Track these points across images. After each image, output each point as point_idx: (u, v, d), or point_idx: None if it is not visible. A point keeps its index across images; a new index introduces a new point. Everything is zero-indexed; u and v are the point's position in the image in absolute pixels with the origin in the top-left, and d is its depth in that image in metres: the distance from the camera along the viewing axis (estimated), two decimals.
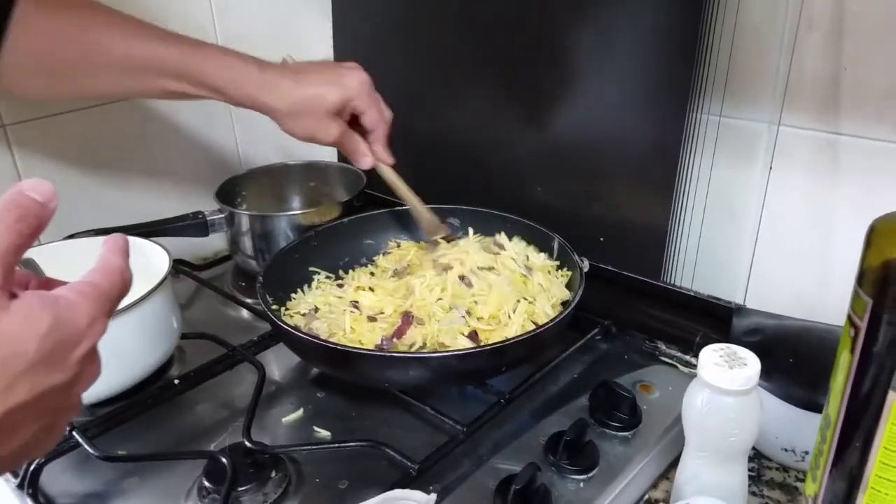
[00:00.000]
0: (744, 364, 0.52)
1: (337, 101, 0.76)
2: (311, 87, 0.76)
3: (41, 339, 0.35)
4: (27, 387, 0.34)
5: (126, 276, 0.42)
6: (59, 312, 0.36)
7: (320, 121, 0.76)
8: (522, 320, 0.72)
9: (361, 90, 0.78)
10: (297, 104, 0.75)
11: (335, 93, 0.76)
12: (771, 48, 0.72)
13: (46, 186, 0.37)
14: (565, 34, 0.83)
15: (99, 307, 0.38)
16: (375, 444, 0.63)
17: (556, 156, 0.88)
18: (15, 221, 0.35)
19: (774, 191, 0.76)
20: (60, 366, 0.36)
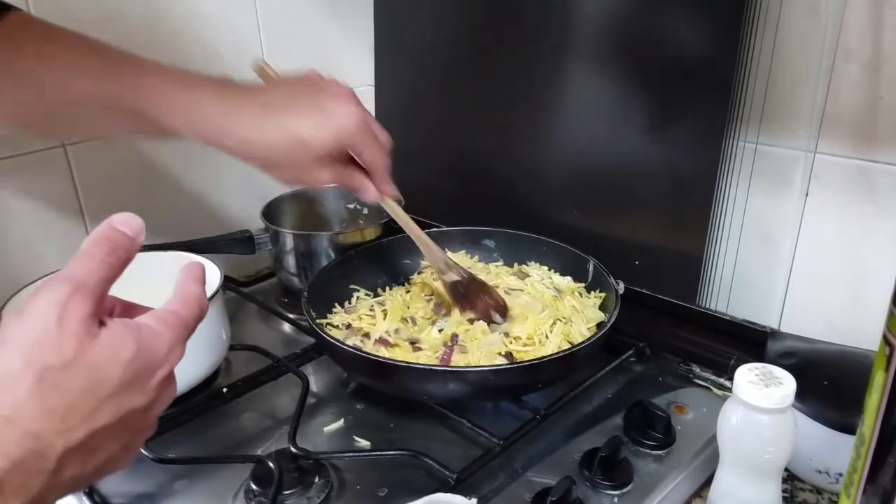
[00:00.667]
0: (780, 383, 0.53)
1: (325, 148, 0.62)
2: (290, 129, 0.61)
3: (126, 365, 0.38)
4: (111, 410, 0.38)
5: (203, 303, 0.45)
6: (143, 340, 0.39)
7: (306, 169, 0.64)
8: (559, 340, 0.74)
9: (355, 130, 0.64)
10: (273, 152, 0.61)
11: (322, 138, 0.62)
12: (808, 77, 0.73)
13: (136, 221, 0.41)
14: (603, 62, 0.86)
15: (178, 335, 0.41)
16: (415, 454, 0.65)
17: (593, 180, 0.90)
18: (106, 255, 0.39)
19: (810, 217, 0.77)
20: (141, 390, 0.39)
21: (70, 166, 0.90)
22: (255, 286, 1.03)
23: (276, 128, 0.61)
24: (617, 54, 0.85)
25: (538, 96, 0.93)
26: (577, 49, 0.88)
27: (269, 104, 0.62)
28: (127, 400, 0.38)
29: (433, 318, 0.80)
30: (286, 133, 0.61)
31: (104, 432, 0.37)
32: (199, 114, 0.61)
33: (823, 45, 0.71)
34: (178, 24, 0.96)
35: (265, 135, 0.61)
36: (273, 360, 0.78)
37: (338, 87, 0.65)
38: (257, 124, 0.61)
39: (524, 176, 0.98)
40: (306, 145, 0.62)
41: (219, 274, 0.78)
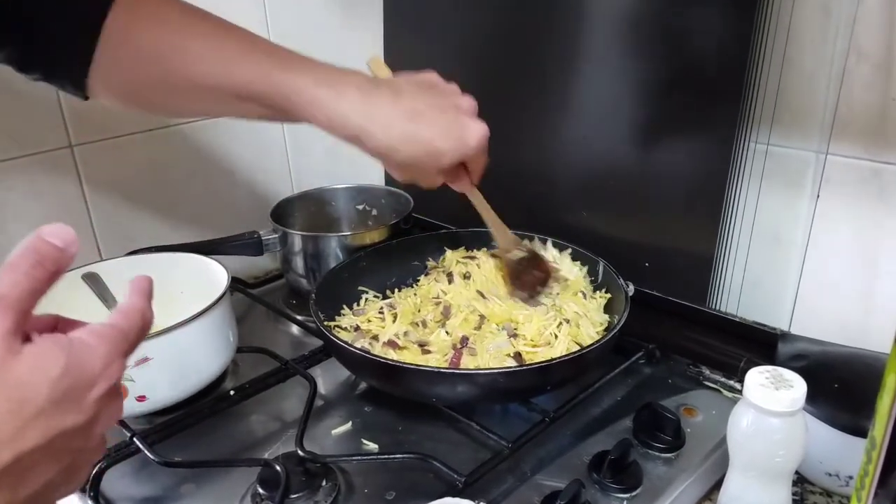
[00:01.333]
0: (790, 386, 0.53)
1: (452, 159, 0.67)
2: (427, 140, 0.65)
3: (53, 382, 0.35)
4: (39, 431, 0.34)
5: (147, 316, 0.42)
6: (73, 355, 0.36)
7: (430, 175, 0.69)
8: (568, 342, 0.74)
9: (480, 147, 0.68)
10: (408, 159, 0.65)
11: (453, 153, 0.66)
12: (819, 79, 0.73)
13: (66, 231, 0.38)
14: (614, 63, 0.86)
15: (115, 348, 0.39)
16: (423, 457, 0.64)
17: (603, 181, 0.90)
18: (31, 267, 0.36)
19: (821, 219, 0.77)
20: (75, 408, 0.36)
21: (77, 167, 0.90)
22: (263, 288, 1.03)
23: (416, 138, 0.64)
24: (627, 55, 0.84)
25: (548, 97, 0.93)
26: (587, 50, 0.88)
27: (411, 113, 0.65)
28: (58, 419, 0.35)
29: (442, 321, 0.80)
30: (426, 145, 0.65)
31: (35, 455, 0.35)
32: (341, 117, 0.63)
33: (835, 45, 0.71)
34: None
35: (405, 143, 0.64)
36: (281, 363, 0.78)
37: (466, 101, 0.70)
38: (399, 133, 0.64)
39: (534, 177, 0.98)
40: (439, 158, 0.66)
41: (226, 275, 0.78)
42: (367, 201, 1.12)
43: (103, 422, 0.39)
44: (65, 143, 0.89)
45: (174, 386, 0.71)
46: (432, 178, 0.70)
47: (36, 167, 0.87)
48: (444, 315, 0.80)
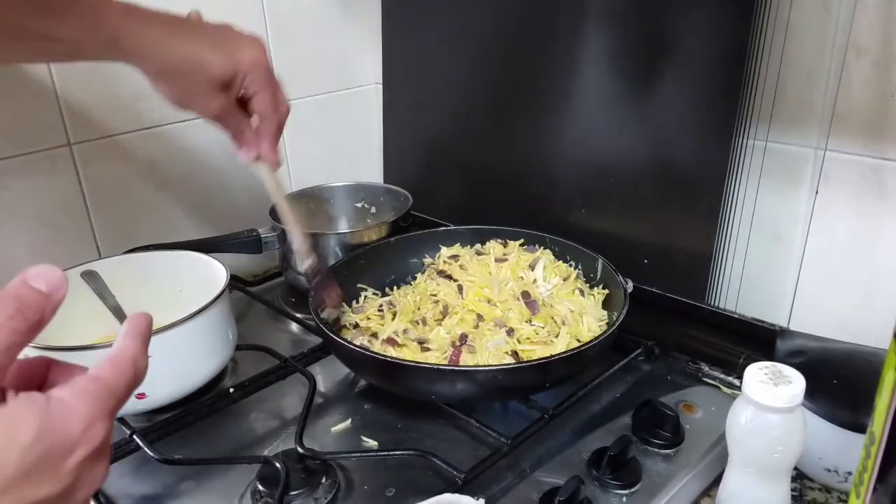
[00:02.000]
0: (789, 382, 0.53)
1: (222, 71, 0.63)
2: (191, 45, 0.62)
3: (24, 450, 0.31)
4: (8, 502, 0.31)
5: (139, 365, 0.38)
6: (48, 418, 0.33)
7: (200, 89, 0.64)
8: (568, 339, 0.74)
9: (255, 66, 0.65)
10: (169, 65, 0.62)
11: (221, 60, 0.63)
12: (818, 74, 0.73)
13: (53, 274, 0.35)
14: (613, 60, 0.86)
15: (100, 406, 0.35)
16: (422, 454, 0.64)
17: (601, 178, 0.90)
18: (9, 318, 0.33)
19: (820, 215, 0.77)
20: (49, 477, 0.33)
21: (76, 165, 0.90)
22: (262, 286, 1.04)
23: (176, 42, 0.62)
24: (626, 53, 0.84)
25: (547, 95, 0.93)
26: (585, 47, 0.88)
27: (176, 23, 0.63)
28: (29, 491, 0.32)
29: (440, 319, 0.80)
30: (186, 47, 0.62)
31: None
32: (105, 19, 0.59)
33: (834, 41, 0.71)
34: None
35: (163, 44, 0.61)
36: (280, 360, 0.78)
37: (254, 37, 0.67)
38: (158, 34, 0.61)
39: (532, 174, 0.98)
40: (202, 64, 0.62)
41: (225, 273, 0.78)
42: (365, 199, 1.11)
43: (85, 488, 0.35)
44: (63, 141, 0.88)
45: (174, 384, 0.71)
46: (203, 96, 0.64)
47: (35, 166, 0.86)
48: (443, 313, 0.80)
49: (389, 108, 1.17)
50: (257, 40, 0.66)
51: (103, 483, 0.36)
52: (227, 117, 0.67)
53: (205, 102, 0.65)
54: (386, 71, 1.15)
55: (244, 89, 0.66)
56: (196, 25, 0.65)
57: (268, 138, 0.70)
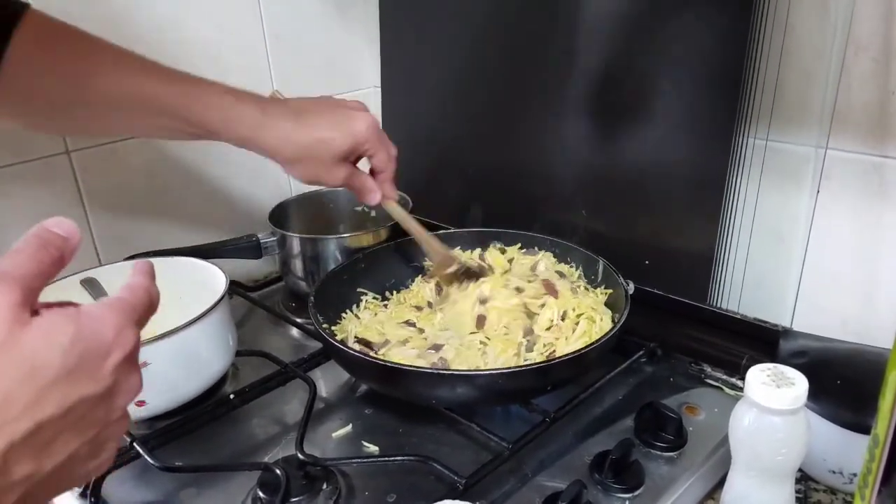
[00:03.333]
0: (791, 383, 0.52)
1: (345, 148, 0.72)
2: (316, 131, 0.71)
3: (65, 350, 0.34)
4: (57, 399, 0.34)
5: (152, 292, 0.42)
6: (83, 323, 0.36)
7: (326, 166, 0.73)
8: (584, 339, 0.74)
9: (370, 135, 0.74)
10: (300, 150, 0.71)
11: (342, 139, 0.72)
12: (818, 72, 0.72)
13: (68, 224, 0.38)
14: (613, 60, 0.85)
15: (125, 317, 0.38)
16: (423, 459, 0.64)
17: (602, 180, 0.90)
18: (36, 251, 0.36)
19: (821, 214, 0.76)
20: (91, 376, 0.36)
21: (74, 173, 0.90)
22: (262, 291, 1.03)
23: (303, 130, 0.71)
24: (626, 52, 0.84)
25: (545, 96, 0.93)
26: (585, 48, 0.87)
27: (298, 111, 0.72)
28: (74, 387, 0.35)
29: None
30: (312, 134, 0.71)
31: (55, 424, 0.34)
32: (237, 118, 0.69)
33: (834, 39, 0.70)
34: (184, 29, 0.96)
35: (293, 135, 0.71)
36: (280, 366, 0.78)
37: (355, 102, 0.77)
38: (288, 127, 0.71)
39: (532, 176, 0.98)
40: (327, 144, 0.71)
41: (224, 279, 0.78)
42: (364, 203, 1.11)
43: (124, 393, 0.38)
44: (62, 149, 0.88)
45: (174, 390, 0.71)
46: (330, 170, 0.73)
47: (33, 174, 0.86)
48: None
49: (388, 111, 1.17)
50: (365, 109, 0.76)
51: (139, 393, 0.40)
52: (352, 181, 0.76)
53: (333, 175, 0.74)
54: (384, 75, 1.15)
55: (364, 154, 0.76)
56: (312, 110, 0.73)
57: (388, 184, 0.80)
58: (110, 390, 0.37)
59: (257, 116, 0.69)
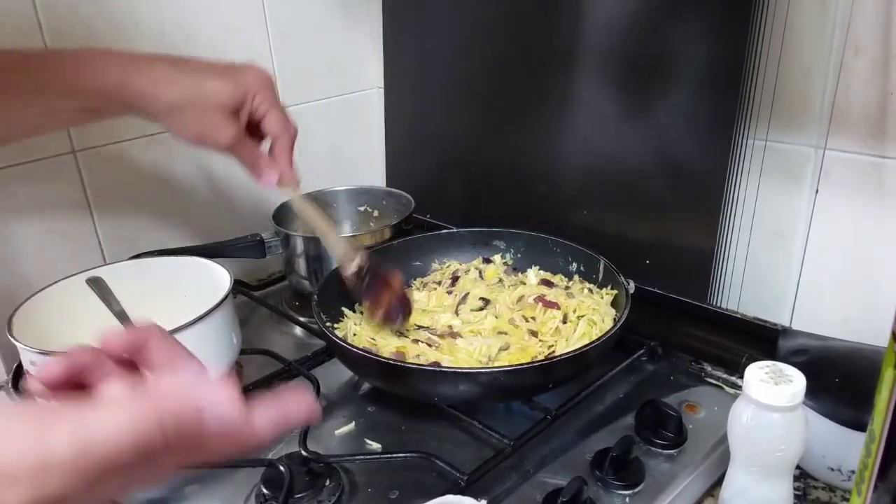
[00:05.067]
0: (789, 381, 0.53)
1: (232, 96, 0.65)
2: (197, 74, 0.64)
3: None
4: None
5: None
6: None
7: (211, 118, 0.64)
8: (582, 339, 0.75)
9: (262, 87, 0.67)
10: (179, 95, 0.63)
11: (230, 86, 0.65)
12: (817, 73, 0.73)
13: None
14: (613, 61, 0.86)
15: None
16: (426, 456, 0.65)
17: (602, 179, 0.90)
18: None
19: (821, 213, 0.77)
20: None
21: (80, 173, 0.91)
22: (266, 290, 1.04)
23: (180, 72, 0.64)
24: (625, 53, 0.84)
25: (547, 96, 0.93)
26: (586, 49, 0.88)
27: (182, 62, 0.65)
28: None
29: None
30: (191, 76, 0.64)
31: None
32: (102, 66, 0.62)
33: (832, 40, 0.71)
34: (189, 29, 0.96)
35: (170, 76, 0.63)
36: (284, 364, 0.79)
37: (249, 64, 0.68)
38: (163, 68, 0.64)
39: (534, 176, 0.98)
40: (215, 92, 0.64)
41: (229, 278, 0.78)
42: (368, 202, 1.12)
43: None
44: (67, 148, 0.89)
45: None
46: (219, 126, 0.65)
47: (39, 173, 0.87)
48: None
49: (391, 111, 1.17)
50: (257, 66, 0.68)
51: None
52: (241, 146, 0.68)
53: (218, 132, 0.65)
54: (387, 75, 1.15)
55: (254, 112, 0.67)
56: (198, 61, 0.66)
57: (285, 156, 0.71)
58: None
59: (125, 61, 0.63)
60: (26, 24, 0.82)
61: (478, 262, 0.94)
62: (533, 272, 0.90)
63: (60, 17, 0.84)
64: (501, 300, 0.83)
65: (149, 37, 0.92)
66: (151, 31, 0.93)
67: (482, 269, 0.91)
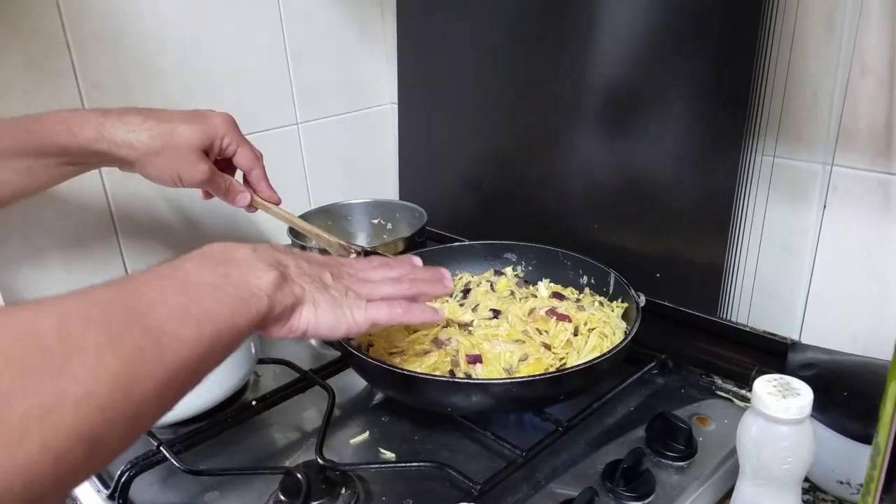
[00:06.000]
0: (797, 394, 0.54)
1: (202, 137, 0.72)
2: (168, 121, 0.71)
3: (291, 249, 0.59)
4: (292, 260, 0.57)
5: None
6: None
7: (185, 158, 0.71)
8: (593, 352, 0.76)
9: (227, 128, 0.74)
10: (153, 140, 0.69)
11: (199, 129, 0.72)
12: (824, 92, 0.74)
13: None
14: (623, 79, 0.88)
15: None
16: (439, 466, 0.66)
17: (613, 194, 0.91)
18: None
19: (829, 229, 0.78)
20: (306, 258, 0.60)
21: (104, 185, 0.93)
22: None
23: (153, 120, 0.70)
24: (636, 69, 0.86)
25: (559, 111, 0.95)
26: (595, 67, 0.89)
27: (153, 111, 0.72)
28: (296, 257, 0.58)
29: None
30: (163, 123, 0.70)
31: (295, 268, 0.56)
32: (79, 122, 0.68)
33: (839, 58, 0.72)
34: (208, 50, 0.99)
35: (144, 124, 0.70)
36: (300, 373, 0.80)
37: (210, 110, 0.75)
38: (136, 119, 0.70)
39: (545, 190, 1.00)
40: (185, 135, 0.71)
41: None
42: (382, 215, 1.14)
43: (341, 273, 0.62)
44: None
45: (198, 396, 0.73)
46: (192, 165, 0.72)
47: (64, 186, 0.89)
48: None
49: (404, 127, 1.19)
50: (221, 111, 0.75)
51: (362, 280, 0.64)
52: (214, 180, 0.75)
53: (194, 170, 0.72)
54: (401, 91, 1.17)
55: (224, 150, 0.75)
56: (166, 110, 0.73)
57: (263, 182, 0.80)
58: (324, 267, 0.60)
59: (98, 116, 0.69)
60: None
61: (489, 274, 0.95)
62: (544, 285, 0.91)
63: (91, 45, 0.87)
64: (512, 312, 0.84)
65: (168, 53, 0.95)
66: (173, 50, 0.95)
67: (493, 282, 0.92)
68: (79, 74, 0.88)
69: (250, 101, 1.05)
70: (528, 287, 0.92)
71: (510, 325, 0.81)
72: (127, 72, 0.92)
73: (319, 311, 0.57)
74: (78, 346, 0.35)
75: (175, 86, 0.97)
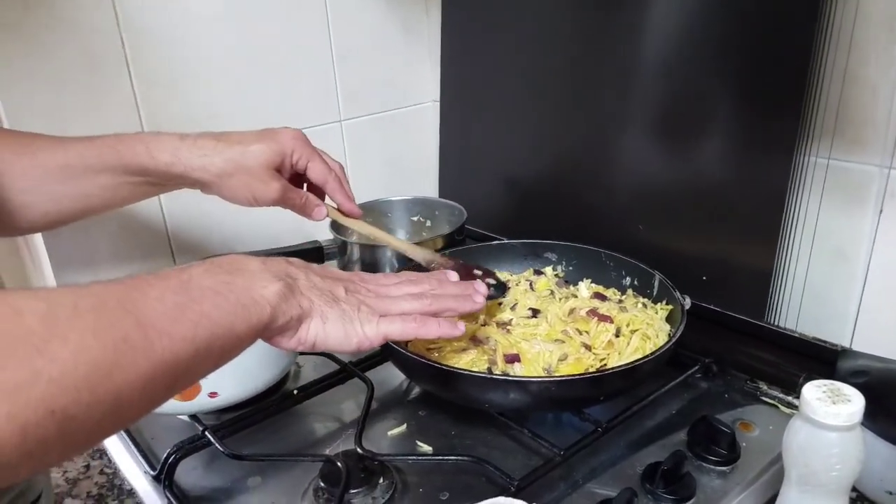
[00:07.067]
0: (847, 400, 0.52)
1: (272, 155, 0.72)
2: (239, 143, 0.72)
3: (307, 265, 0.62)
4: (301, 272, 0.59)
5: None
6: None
7: (259, 179, 0.72)
8: (634, 353, 0.75)
9: (297, 144, 0.74)
10: (227, 163, 0.71)
11: (269, 147, 0.72)
12: (883, 91, 0.72)
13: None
14: (673, 77, 0.86)
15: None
16: (477, 460, 0.66)
17: (660, 195, 0.90)
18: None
19: (885, 234, 0.76)
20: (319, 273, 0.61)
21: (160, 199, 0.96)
22: None
23: (225, 143, 0.72)
24: (687, 68, 0.85)
25: (605, 111, 0.94)
26: (645, 61, 0.88)
27: (222, 135, 0.73)
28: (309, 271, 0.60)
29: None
30: (235, 146, 0.72)
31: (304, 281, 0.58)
32: (157, 146, 0.70)
33: None
34: (256, 49, 1.01)
35: (217, 147, 0.71)
36: (340, 366, 0.81)
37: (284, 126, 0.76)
38: (209, 143, 0.71)
39: (589, 189, 0.99)
40: (257, 154, 0.72)
41: None
42: (421, 213, 1.14)
43: (355, 289, 0.62)
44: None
45: (243, 384, 0.75)
46: (266, 185, 0.73)
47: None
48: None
49: (445, 124, 1.20)
50: (292, 127, 0.76)
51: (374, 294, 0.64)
52: (288, 197, 0.75)
53: (268, 189, 0.73)
54: (443, 89, 1.18)
55: (295, 165, 0.75)
56: (237, 132, 0.73)
57: (340, 194, 0.79)
58: (338, 282, 0.61)
59: (175, 140, 0.71)
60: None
61: (529, 273, 0.94)
62: (585, 285, 0.90)
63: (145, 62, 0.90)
64: (552, 311, 0.83)
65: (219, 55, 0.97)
66: (222, 50, 0.97)
67: (533, 281, 0.91)
68: (132, 69, 0.90)
69: (295, 98, 1.07)
70: (568, 287, 0.91)
71: (549, 324, 0.81)
72: (177, 69, 0.94)
73: (328, 324, 0.57)
74: (62, 330, 0.37)
75: (223, 84, 0.99)
